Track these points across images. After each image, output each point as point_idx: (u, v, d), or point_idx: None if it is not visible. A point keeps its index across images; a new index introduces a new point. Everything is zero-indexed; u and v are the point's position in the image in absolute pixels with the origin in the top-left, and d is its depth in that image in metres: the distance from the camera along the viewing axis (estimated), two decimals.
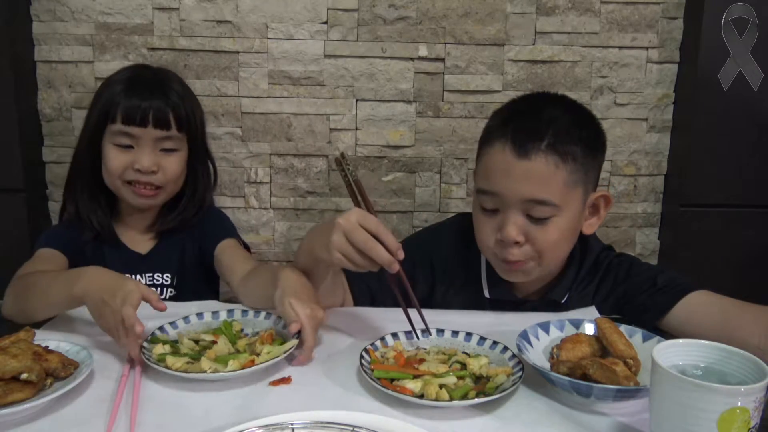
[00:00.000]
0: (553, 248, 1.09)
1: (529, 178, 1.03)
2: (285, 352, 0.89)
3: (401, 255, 0.91)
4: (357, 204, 0.99)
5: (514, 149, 1.04)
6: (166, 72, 1.40)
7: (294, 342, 0.92)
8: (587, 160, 1.07)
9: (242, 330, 1.03)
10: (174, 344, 0.96)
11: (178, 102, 1.31)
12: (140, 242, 1.39)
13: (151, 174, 1.29)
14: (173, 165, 1.32)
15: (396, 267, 0.91)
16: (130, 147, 1.29)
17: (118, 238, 1.38)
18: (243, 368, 0.86)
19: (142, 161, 1.27)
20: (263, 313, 1.05)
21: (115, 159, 1.29)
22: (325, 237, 0.93)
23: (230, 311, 1.06)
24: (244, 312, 1.06)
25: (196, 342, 0.97)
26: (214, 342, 0.95)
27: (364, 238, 0.89)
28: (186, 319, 1.03)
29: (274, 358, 0.88)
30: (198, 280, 1.42)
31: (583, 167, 1.06)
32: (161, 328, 0.99)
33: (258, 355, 0.91)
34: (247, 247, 1.48)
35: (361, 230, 0.90)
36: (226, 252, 1.37)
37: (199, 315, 1.04)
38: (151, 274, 1.39)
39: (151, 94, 1.28)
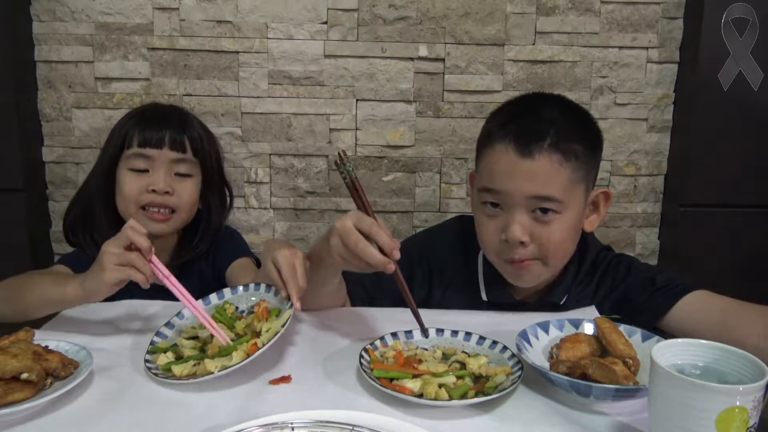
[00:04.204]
0: (558, 247, 1.09)
1: (534, 178, 1.04)
2: (283, 326, 0.89)
3: (397, 255, 0.90)
4: (357, 205, 0.99)
5: (517, 149, 1.04)
6: (180, 107, 1.44)
7: (289, 312, 0.91)
8: (588, 157, 1.08)
9: (237, 309, 1.03)
10: (175, 348, 0.96)
11: (193, 130, 1.36)
12: None
13: (165, 195, 1.30)
14: (187, 190, 1.34)
15: (392, 268, 0.90)
16: (146, 171, 1.30)
17: None
18: (248, 355, 0.85)
19: (157, 182, 1.29)
20: (252, 285, 1.05)
21: (130, 183, 1.30)
22: (327, 240, 0.94)
23: (219, 292, 1.07)
24: (234, 289, 1.07)
25: (196, 338, 0.97)
26: (212, 335, 0.95)
27: (356, 240, 0.89)
28: (179, 314, 1.04)
29: (276, 334, 0.87)
30: None
31: (584, 165, 1.07)
32: (158, 333, 0.99)
33: (259, 333, 0.91)
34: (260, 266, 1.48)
35: (354, 233, 0.90)
36: (236, 270, 1.38)
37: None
38: None
39: (168, 121, 1.33)
